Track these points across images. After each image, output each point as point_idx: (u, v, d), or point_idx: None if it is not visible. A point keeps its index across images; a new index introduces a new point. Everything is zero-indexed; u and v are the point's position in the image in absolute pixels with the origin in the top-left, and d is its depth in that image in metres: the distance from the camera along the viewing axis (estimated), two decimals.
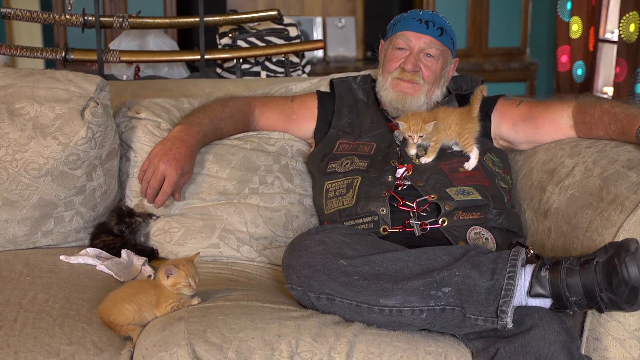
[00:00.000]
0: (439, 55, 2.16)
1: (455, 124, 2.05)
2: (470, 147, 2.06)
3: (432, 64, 2.15)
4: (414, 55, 2.15)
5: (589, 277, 1.53)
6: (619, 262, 1.50)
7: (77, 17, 2.82)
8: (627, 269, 1.49)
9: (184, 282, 1.66)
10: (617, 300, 1.51)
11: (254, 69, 3.16)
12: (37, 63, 4.36)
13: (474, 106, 2.08)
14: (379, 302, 1.61)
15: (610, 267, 1.51)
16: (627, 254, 1.50)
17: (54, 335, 1.59)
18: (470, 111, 2.08)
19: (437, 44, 2.16)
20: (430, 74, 2.15)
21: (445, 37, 2.17)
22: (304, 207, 2.19)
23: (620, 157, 1.85)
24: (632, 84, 3.78)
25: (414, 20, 2.17)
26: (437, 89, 2.19)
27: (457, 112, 2.09)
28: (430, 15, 2.18)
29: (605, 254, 1.53)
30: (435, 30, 2.15)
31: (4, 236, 2.02)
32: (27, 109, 2.03)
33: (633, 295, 1.50)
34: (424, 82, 2.15)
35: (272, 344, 1.56)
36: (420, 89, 2.15)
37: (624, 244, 1.52)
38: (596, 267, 1.53)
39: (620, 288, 1.50)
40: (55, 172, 2.01)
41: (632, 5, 3.81)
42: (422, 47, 2.15)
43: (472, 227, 1.94)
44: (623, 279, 1.49)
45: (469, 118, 2.07)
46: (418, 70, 2.14)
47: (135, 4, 4.57)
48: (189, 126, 2.11)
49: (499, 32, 5.23)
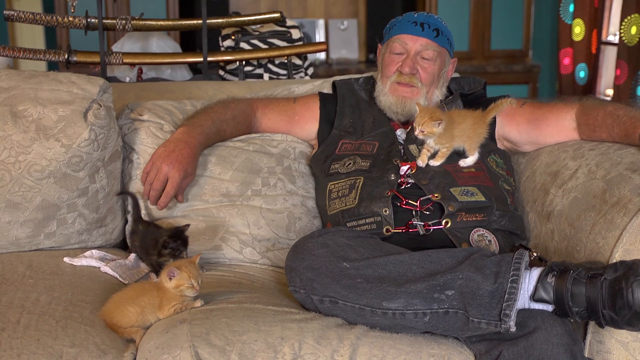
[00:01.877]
0: (436, 56, 2.16)
1: (469, 129, 2.04)
2: (473, 151, 2.06)
3: (430, 65, 2.15)
4: (411, 58, 2.15)
5: (594, 291, 1.52)
6: (626, 285, 1.49)
7: (80, 20, 2.82)
8: (633, 293, 1.48)
9: (186, 283, 1.65)
10: (618, 321, 1.51)
11: (257, 71, 3.15)
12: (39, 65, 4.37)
13: (491, 113, 2.06)
14: (382, 305, 1.60)
15: (617, 287, 1.50)
16: (635, 278, 1.49)
17: (56, 338, 1.59)
18: (484, 116, 2.06)
19: (433, 46, 2.15)
20: (427, 75, 2.15)
21: (441, 38, 2.17)
22: (307, 209, 2.19)
23: (624, 159, 1.85)
24: (633, 87, 3.77)
25: (409, 23, 2.17)
26: (436, 90, 2.19)
27: (471, 117, 2.06)
28: (426, 17, 2.18)
29: (614, 272, 1.53)
30: (431, 31, 2.15)
31: (6, 238, 2.01)
32: (30, 110, 2.03)
33: (635, 319, 1.49)
34: (422, 85, 2.15)
35: (275, 346, 1.55)
36: (419, 92, 2.15)
37: (634, 266, 1.51)
38: (603, 283, 1.52)
39: (623, 310, 1.49)
40: (58, 174, 2.01)
41: (634, 7, 3.81)
42: (419, 50, 2.15)
43: (476, 229, 1.94)
44: (627, 302, 1.49)
45: (482, 123, 2.06)
46: (415, 73, 2.14)
47: (138, 6, 4.58)
48: (191, 128, 2.11)
49: (501, 34, 5.23)
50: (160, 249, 1.91)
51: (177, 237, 1.91)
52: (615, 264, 1.55)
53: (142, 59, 2.95)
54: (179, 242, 1.91)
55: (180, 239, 1.91)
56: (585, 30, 4.46)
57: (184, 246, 1.92)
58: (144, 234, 1.99)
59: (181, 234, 1.92)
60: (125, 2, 4.68)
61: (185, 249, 1.92)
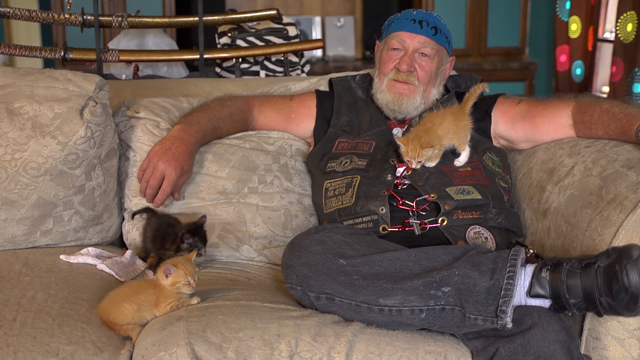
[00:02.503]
0: (434, 54, 2.16)
1: (451, 125, 2.03)
2: (464, 146, 2.06)
3: (427, 63, 2.15)
4: (409, 55, 2.14)
5: (589, 280, 1.53)
6: (620, 268, 1.49)
7: (76, 17, 2.81)
8: (628, 276, 1.48)
9: (183, 280, 1.65)
10: (616, 306, 1.51)
11: (253, 68, 3.15)
12: (35, 62, 4.36)
13: (468, 102, 2.07)
14: (378, 301, 1.61)
15: (611, 272, 1.51)
16: (628, 260, 1.49)
17: (53, 335, 1.59)
18: (463, 108, 2.07)
19: (431, 44, 2.15)
20: (425, 73, 2.15)
21: (439, 36, 2.16)
22: (303, 206, 2.19)
23: (620, 156, 1.85)
24: (629, 84, 3.78)
25: (407, 20, 2.17)
26: (434, 88, 2.19)
27: (449, 113, 2.06)
28: (424, 15, 2.18)
29: (606, 259, 1.53)
30: (429, 29, 2.15)
31: (3, 235, 2.01)
32: (26, 108, 2.03)
33: (632, 302, 1.50)
34: (419, 83, 2.15)
35: (271, 343, 1.55)
36: (416, 90, 2.15)
37: (625, 250, 1.52)
38: (597, 271, 1.52)
39: (620, 294, 1.50)
40: (54, 172, 2.01)
41: (630, 4, 3.81)
42: (417, 47, 2.15)
43: (472, 227, 1.94)
44: (623, 285, 1.49)
45: (462, 115, 2.06)
46: (413, 71, 2.14)
47: (134, 3, 4.56)
48: (188, 125, 2.11)
49: (498, 31, 5.23)
50: (179, 244, 1.89)
51: (195, 233, 1.89)
52: (607, 250, 1.55)
53: (138, 56, 2.95)
54: (197, 238, 1.89)
55: (199, 235, 1.89)
56: (582, 27, 4.46)
57: (202, 242, 1.89)
58: (158, 225, 1.96)
59: (200, 229, 1.89)
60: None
61: (203, 245, 1.89)
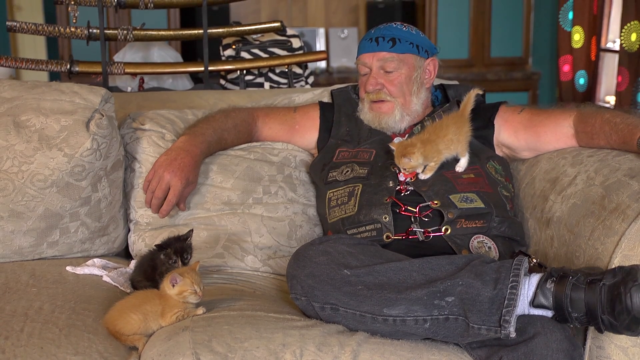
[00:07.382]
0: (397, 66, 2.15)
1: (454, 135, 2.03)
2: (465, 152, 2.06)
3: (395, 77, 2.16)
4: (373, 75, 2.16)
5: (593, 297, 1.53)
6: (625, 290, 1.50)
7: (82, 30, 2.83)
8: (632, 299, 1.49)
9: (190, 289, 1.66)
10: (617, 326, 1.52)
11: (257, 80, 3.17)
12: (41, 75, 4.38)
13: (467, 108, 2.07)
14: (382, 311, 1.61)
15: (616, 293, 1.51)
16: (634, 284, 1.50)
17: (60, 346, 1.60)
18: (462, 115, 2.07)
19: (391, 57, 2.15)
20: (394, 87, 2.16)
21: (400, 45, 2.15)
22: (308, 216, 2.20)
23: (622, 165, 1.86)
24: (634, 93, 3.79)
25: (365, 41, 2.19)
26: (413, 97, 2.18)
27: (452, 124, 2.04)
28: (381, 31, 2.18)
29: (612, 278, 1.54)
30: (385, 43, 2.15)
31: (10, 247, 2.03)
32: (33, 120, 2.05)
33: (634, 324, 1.50)
34: (392, 97, 2.16)
35: (276, 353, 1.56)
36: (392, 106, 2.16)
37: (632, 272, 1.52)
38: (602, 289, 1.53)
39: (622, 315, 1.50)
40: (60, 184, 2.03)
41: (634, 14, 3.82)
42: (379, 65, 2.16)
43: (475, 236, 1.95)
44: (626, 307, 1.50)
45: (463, 121, 2.06)
46: (381, 89, 2.15)
47: (139, 16, 4.59)
48: (193, 137, 2.13)
49: (501, 42, 5.24)
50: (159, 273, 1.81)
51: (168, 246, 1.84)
52: (613, 269, 1.56)
53: (143, 68, 2.97)
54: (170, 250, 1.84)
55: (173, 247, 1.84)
56: (585, 37, 4.48)
57: (176, 254, 1.84)
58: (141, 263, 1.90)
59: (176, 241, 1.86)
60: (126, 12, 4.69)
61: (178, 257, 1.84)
